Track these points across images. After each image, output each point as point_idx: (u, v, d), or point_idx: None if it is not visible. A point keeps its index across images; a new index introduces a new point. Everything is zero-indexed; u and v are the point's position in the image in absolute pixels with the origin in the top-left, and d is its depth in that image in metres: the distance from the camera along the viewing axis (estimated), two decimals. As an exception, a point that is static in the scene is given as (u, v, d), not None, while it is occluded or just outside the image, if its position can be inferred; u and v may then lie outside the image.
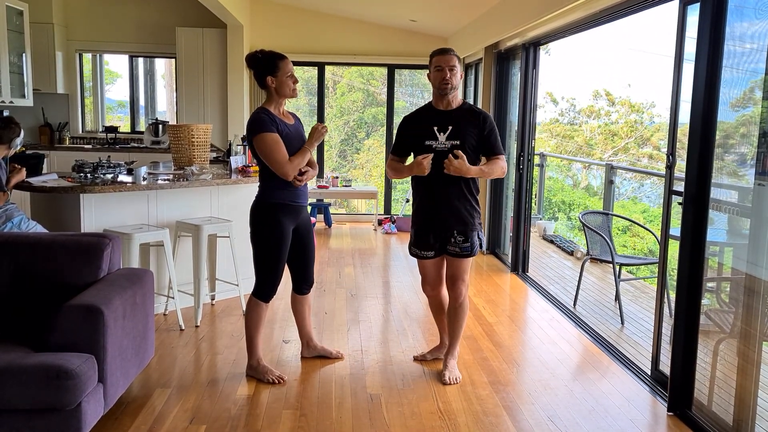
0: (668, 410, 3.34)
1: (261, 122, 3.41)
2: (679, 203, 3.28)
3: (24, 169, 4.24)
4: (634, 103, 15.31)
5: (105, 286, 3.06)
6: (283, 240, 3.53)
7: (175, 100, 8.91)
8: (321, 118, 9.08)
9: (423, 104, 3.75)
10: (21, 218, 4.07)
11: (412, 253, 3.75)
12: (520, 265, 6.26)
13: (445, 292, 3.82)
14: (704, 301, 3.25)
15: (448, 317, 3.78)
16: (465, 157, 3.43)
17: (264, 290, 3.56)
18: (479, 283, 5.86)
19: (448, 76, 3.51)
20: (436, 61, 3.55)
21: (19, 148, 4.27)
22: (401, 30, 8.70)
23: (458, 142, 3.49)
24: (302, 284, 3.82)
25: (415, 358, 3.98)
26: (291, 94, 3.50)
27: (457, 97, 3.61)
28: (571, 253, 7.29)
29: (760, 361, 2.83)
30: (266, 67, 3.47)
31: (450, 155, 3.43)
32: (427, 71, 3.61)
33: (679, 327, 3.28)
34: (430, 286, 3.82)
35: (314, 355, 3.99)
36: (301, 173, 3.53)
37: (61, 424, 2.59)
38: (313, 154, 3.68)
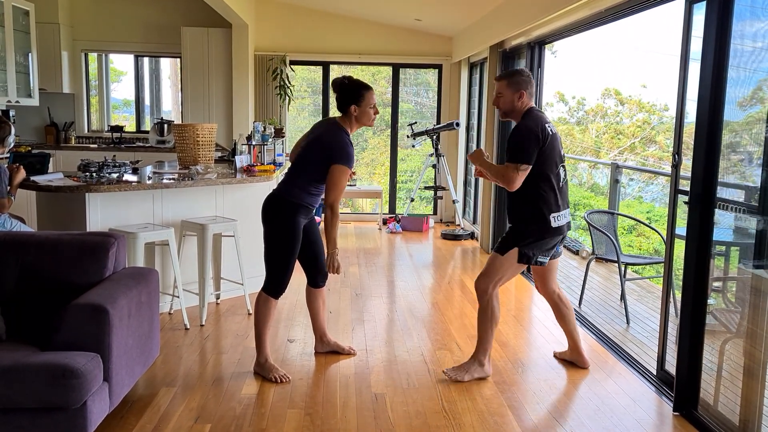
0: (674, 410, 3.33)
1: (350, 156, 3.53)
2: (685, 202, 3.27)
3: (22, 167, 4.26)
4: (643, 103, 15.27)
5: (110, 285, 3.07)
6: (298, 238, 3.59)
7: (180, 99, 8.92)
8: (326, 117, 9.08)
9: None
10: (5, 218, 4.12)
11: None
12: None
13: (554, 292, 3.90)
14: (710, 301, 3.24)
15: None
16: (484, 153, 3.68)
17: (275, 287, 3.58)
18: (484, 283, 5.85)
19: (495, 100, 3.65)
20: None
21: (12, 146, 4.30)
22: (406, 29, 8.69)
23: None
24: (317, 275, 3.85)
25: (555, 355, 4.10)
26: (370, 123, 3.63)
27: (520, 115, 3.62)
28: (577, 253, 7.28)
29: (767, 361, 2.81)
30: (352, 95, 3.55)
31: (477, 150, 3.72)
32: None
33: (684, 327, 3.27)
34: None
35: (327, 351, 4.01)
36: None
37: (67, 422, 2.60)
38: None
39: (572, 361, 3.95)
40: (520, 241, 3.57)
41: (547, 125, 3.52)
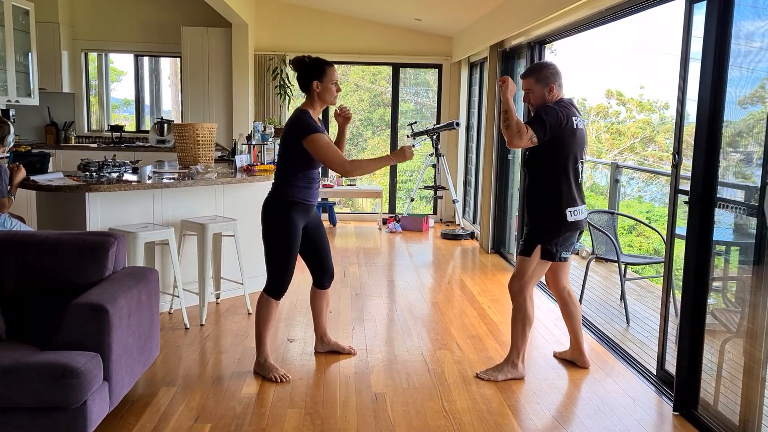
0: (674, 410, 3.33)
1: (310, 124, 3.46)
2: (685, 202, 3.27)
3: (22, 166, 4.26)
4: (643, 102, 15.26)
5: (110, 284, 3.07)
6: (296, 238, 3.56)
7: (180, 99, 8.92)
8: (326, 117, 9.07)
9: None
10: (5, 218, 4.12)
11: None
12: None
13: (564, 289, 3.90)
14: (710, 301, 3.24)
15: None
16: (512, 86, 3.58)
17: (276, 287, 3.58)
18: (484, 283, 5.86)
19: (526, 97, 3.67)
20: None
21: (11, 145, 4.31)
22: (406, 29, 8.69)
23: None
24: (323, 276, 3.86)
25: (555, 355, 4.11)
26: (333, 101, 3.59)
27: None
28: (576, 253, 7.27)
29: (767, 360, 2.81)
30: (313, 72, 3.53)
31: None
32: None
33: (684, 326, 3.27)
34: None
35: (327, 350, 4.02)
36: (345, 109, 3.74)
37: (67, 422, 2.60)
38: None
39: (572, 360, 3.95)
40: (541, 237, 3.60)
41: (574, 118, 3.56)
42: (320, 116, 3.68)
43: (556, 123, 3.48)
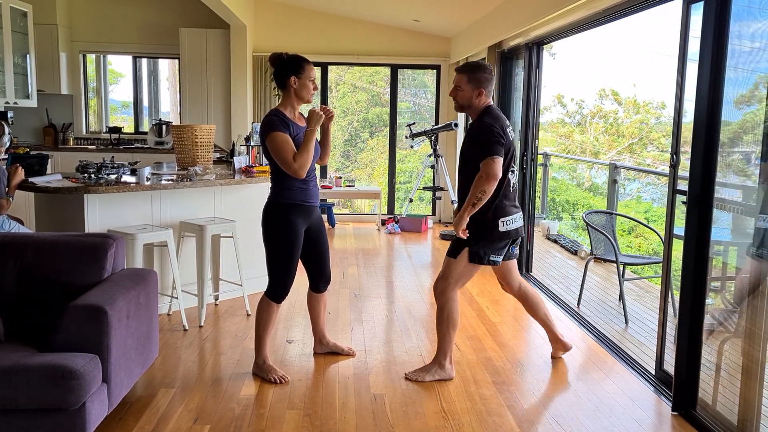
0: (673, 410, 3.33)
1: (272, 123, 3.45)
2: (683, 202, 3.27)
3: (21, 168, 4.26)
4: (639, 103, 15.29)
5: (109, 286, 3.07)
6: (296, 240, 3.55)
7: (178, 100, 8.92)
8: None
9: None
10: (3, 220, 4.13)
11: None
12: (523, 264, 6.25)
13: (518, 288, 3.88)
14: (708, 301, 3.24)
15: None
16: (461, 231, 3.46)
17: (277, 291, 3.57)
18: (483, 283, 5.86)
19: (453, 92, 3.57)
20: None
21: (7, 146, 4.31)
22: (404, 30, 8.70)
23: (461, 160, 3.60)
24: (320, 281, 3.84)
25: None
26: (309, 98, 3.57)
27: (478, 112, 3.54)
28: (575, 253, 7.28)
29: (765, 360, 2.82)
30: (292, 66, 3.53)
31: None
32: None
33: (683, 327, 3.27)
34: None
35: (326, 351, 4.02)
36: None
37: (66, 423, 2.60)
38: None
39: (558, 350, 3.97)
40: (469, 241, 3.52)
41: (508, 128, 3.50)
42: (300, 112, 3.64)
43: (502, 137, 3.39)
